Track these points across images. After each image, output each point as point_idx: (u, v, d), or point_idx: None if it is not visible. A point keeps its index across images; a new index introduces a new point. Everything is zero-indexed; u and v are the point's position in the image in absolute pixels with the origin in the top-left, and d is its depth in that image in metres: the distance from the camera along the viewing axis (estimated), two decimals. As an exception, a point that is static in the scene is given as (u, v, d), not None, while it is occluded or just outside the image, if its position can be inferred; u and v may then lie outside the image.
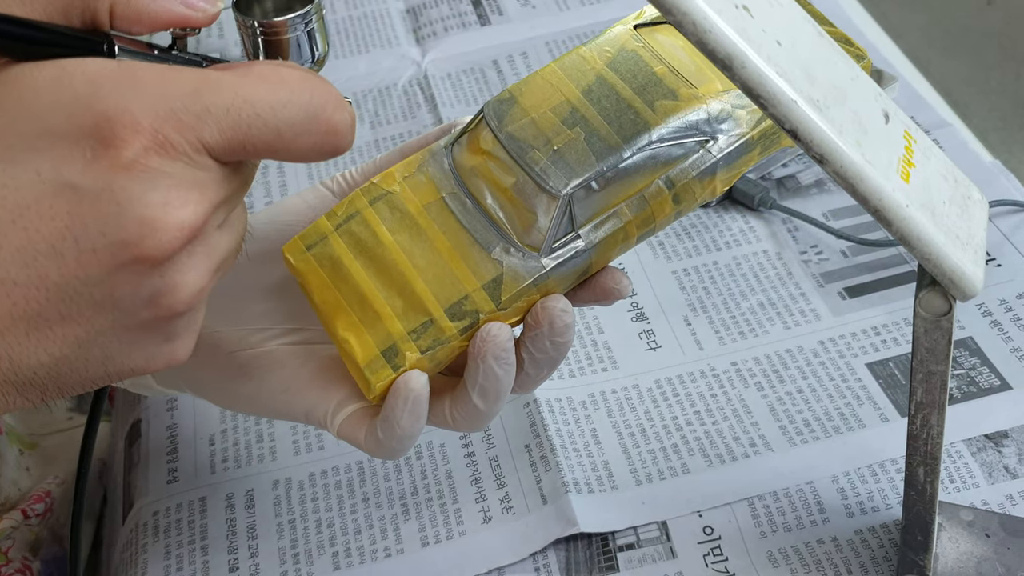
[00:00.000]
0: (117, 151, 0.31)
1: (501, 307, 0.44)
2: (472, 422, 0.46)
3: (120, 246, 0.32)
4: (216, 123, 0.33)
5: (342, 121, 0.36)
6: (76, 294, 0.33)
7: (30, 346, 0.34)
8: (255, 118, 0.34)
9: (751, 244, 0.71)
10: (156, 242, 0.32)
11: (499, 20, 0.96)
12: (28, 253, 0.32)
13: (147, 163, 0.32)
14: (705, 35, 0.35)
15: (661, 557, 0.55)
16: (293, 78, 0.35)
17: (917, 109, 0.79)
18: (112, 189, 0.32)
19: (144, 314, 0.34)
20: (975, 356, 0.62)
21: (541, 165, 0.44)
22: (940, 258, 0.38)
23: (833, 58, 0.39)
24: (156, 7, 0.36)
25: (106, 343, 0.35)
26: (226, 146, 0.33)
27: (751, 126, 0.46)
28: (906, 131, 0.40)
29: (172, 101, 0.32)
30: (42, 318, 0.33)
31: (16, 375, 0.34)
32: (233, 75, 0.34)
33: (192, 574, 0.58)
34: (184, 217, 0.33)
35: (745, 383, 0.63)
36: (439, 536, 0.57)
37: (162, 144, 0.32)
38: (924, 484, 0.46)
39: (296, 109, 0.34)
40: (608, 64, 0.48)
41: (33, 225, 0.32)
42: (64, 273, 0.32)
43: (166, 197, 0.32)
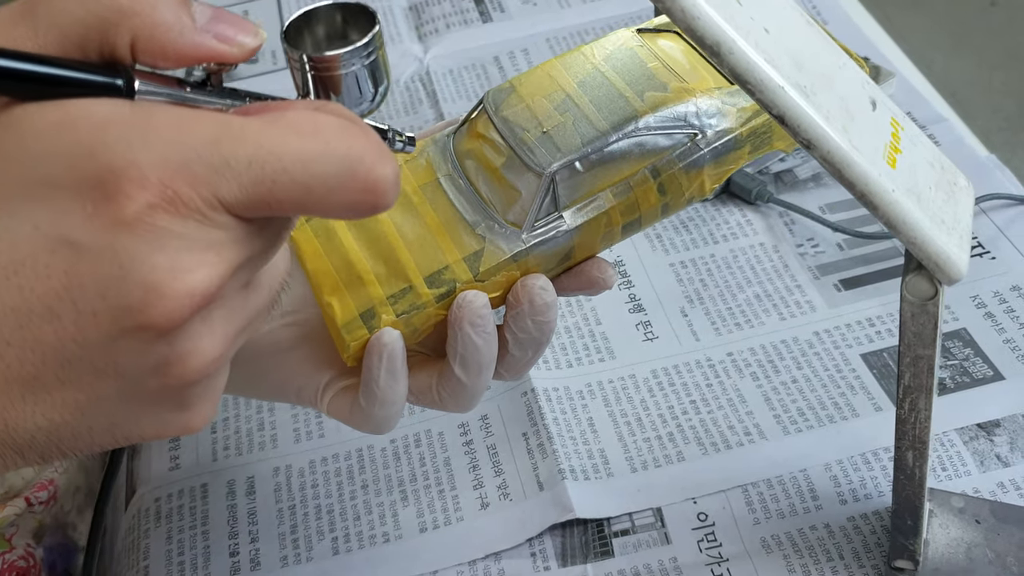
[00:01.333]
0: (120, 207, 0.28)
1: (479, 278, 0.45)
2: (458, 398, 0.47)
3: (122, 312, 0.29)
4: (236, 177, 0.29)
5: (383, 177, 0.31)
6: (75, 359, 0.30)
7: (26, 410, 0.31)
8: (281, 172, 0.30)
9: (748, 237, 0.72)
10: (162, 310, 0.29)
11: (501, 17, 0.97)
12: (23, 313, 0.29)
13: (154, 221, 0.29)
14: (694, 21, 0.35)
15: (656, 543, 0.56)
16: (330, 127, 0.31)
17: (914, 104, 0.79)
18: (114, 249, 0.29)
19: (151, 383, 0.31)
20: (969, 347, 0.63)
21: (529, 145, 0.46)
22: (925, 242, 0.39)
23: (821, 46, 0.40)
24: (183, 41, 0.32)
25: (111, 410, 0.32)
26: (247, 202, 0.30)
27: (740, 123, 0.47)
28: (893, 118, 0.41)
29: (186, 152, 0.29)
30: (38, 382, 0.30)
31: (13, 438, 0.32)
32: (259, 123, 0.30)
33: (193, 559, 0.58)
34: (194, 283, 0.29)
35: (740, 373, 0.64)
36: (437, 522, 0.58)
37: (171, 200, 0.29)
38: (913, 468, 0.47)
39: (330, 163, 0.31)
40: (605, 59, 0.49)
41: (28, 283, 0.29)
42: (61, 336, 0.30)
43: (174, 260, 0.29)
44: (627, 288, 0.70)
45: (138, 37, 0.31)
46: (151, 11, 0.31)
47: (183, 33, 0.32)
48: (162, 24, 0.31)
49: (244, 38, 0.33)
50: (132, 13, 0.31)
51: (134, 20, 0.31)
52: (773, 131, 0.48)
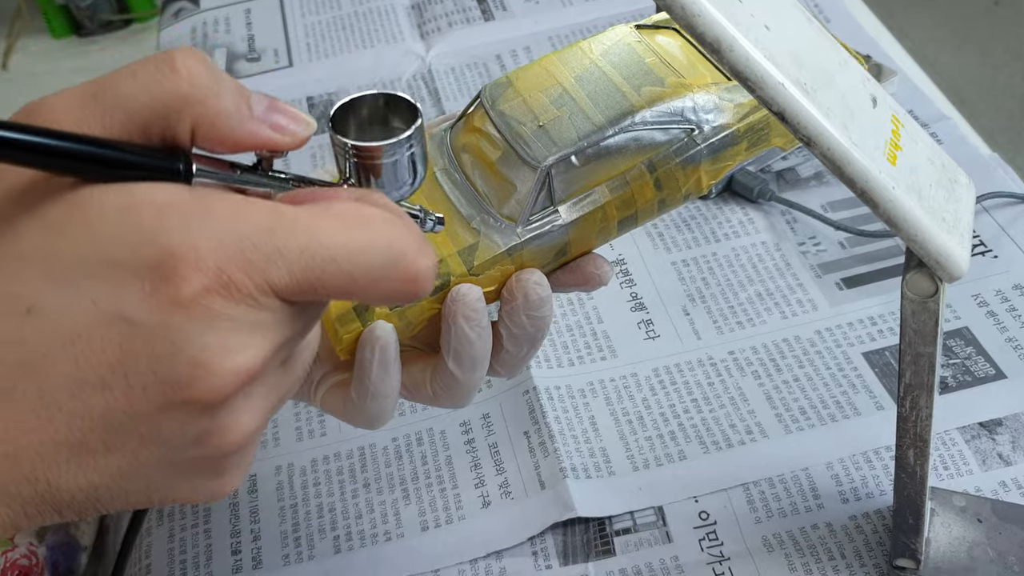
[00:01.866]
0: (177, 289, 0.30)
1: (473, 271, 0.45)
2: (452, 394, 0.46)
3: (171, 386, 0.31)
4: (287, 265, 0.31)
5: (423, 269, 0.34)
6: (121, 427, 0.32)
7: (70, 472, 0.32)
8: (330, 262, 0.32)
9: (750, 235, 0.72)
10: (209, 386, 0.31)
11: (503, 15, 0.97)
12: (75, 382, 0.31)
13: (208, 304, 0.30)
14: (694, 19, 0.35)
15: (657, 541, 0.56)
16: (375, 220, 0.33)
17: (916, 103, 0.79)
18: (168, 327, 0.30)
19: (192, 452, 0.33)
20: (971, 346, 0.63)
21: (525, 138, 0.46)
22: (926, 240, 0.39)
23: (821, 43, 0.40)
24: (240, 130, 0.34)
25: (149, 475, 0.33)
26: (296, 289, 0.32)
27: (737, 118, 0.47)
28: (893, 115, 0.41)
29: (242, 240, 0.31)
30: (84, 447, 0.32)
31: (54, 497, 0.33)
32: (310, 213, 0.32)
33: (195, 557, 0.58)
34: (242, 362, 0.31)
35: (742, 372, 0.64)
36: (439, 520, 0.58)
37: (226, 285, 0.30)
38: (914, 467, 0.47)
39: (375, 255, 0.32)
40: (602, 54, 0.49)
41: (83, 355, 0.31)
42: (111, 406, 0.31)
43: (224, 341, 0.31)
44: (629, 287, 0.70)
45: (199, 124, 0.33)
46: (214, 100, 0.33)
47: (242, 122, 0.33)
48: (223, 113, 0.33)
49: (296, 128, 0.35)
50: (195, 101, 0.32)
51: (196, 108, 0.33)
52: (771, 127, 0.48)
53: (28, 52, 2.54)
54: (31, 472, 0.32)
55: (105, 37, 2.55)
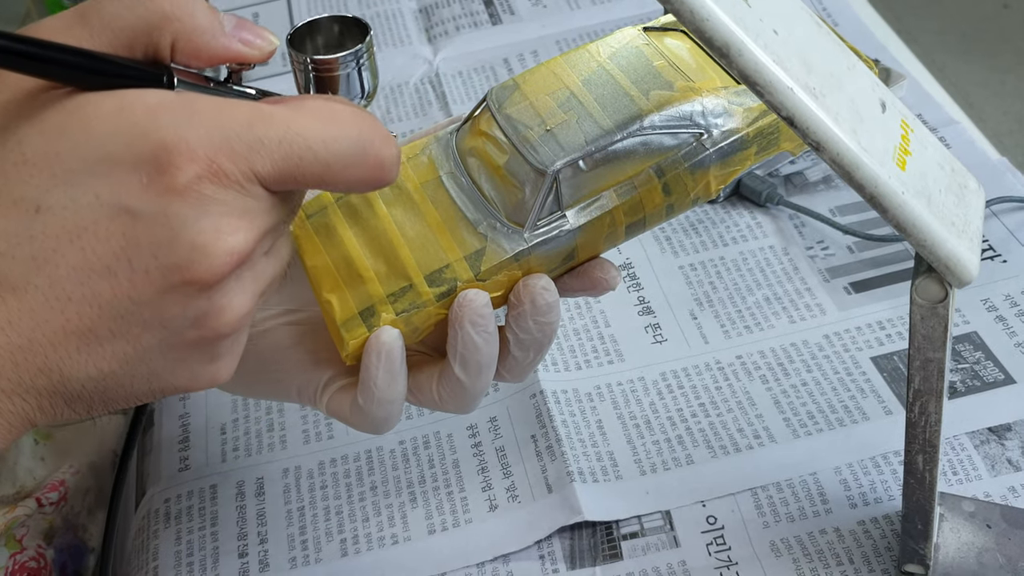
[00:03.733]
0: (172, 177, 0.33)
1: (480, 277, 0.45)
2: (458, 399, 0.47)
3: (172, 269, 0.34)
4: (268, 154, 0.34)
5: (389, 156, 0.37)
6: (127, 313, 0.34)
7: (80, 360, 0.35)
8: (306, 151, 0.35)
9: (758, 239, 0.72)
10: (206, 267, 0.34)
11: (510, 19, 0.97)
12: (83, 272, 0.33)
13: (201, 190, 0.33)
14: (703, 23, 0.35)
15: (664, 546, 0.56)
16: (344, 113, 0.36)
17: (925, 107, 0.79)
18: (166, 214, 0.33)
19: (190, 334, 0.36)
20: (979, 350, 0.63)
21: (532, 143, 0.45)
22: (936, 245, 0.39)
23: (830, 48, 0.40)
24: (215, 44, 0.37)
25: (152, 361, 0.36)
26: (277, 176, 0.35)
27: (747, 123, 0.46)
28: (903, 120, 0.41)
29: (227, 132, 0.34)
30: (93, 334, 0.34)
31: (65, 387, 0.35)
32: (286, 109, 0.35)
33: (203, 559, 0.58)
34: (234, 244, 0.34)
35: (750, 376, 0.64)
36: (446, 524, 0.58)
37: (216, 173, 0.33)
38: (923, 472, 0.47)
39: (346, 143, 0.36)
40: (610, 57, 0.49)
41: (90, 245, 0.33)
42: (117, 292, 0.34)
43: (217, 224, 0.34)
44: (636, 290, 0.70)
45: (178, 39, 0.37)
46: (190, 17, 0.37)
47: (215, 37, 0.37)
48: (199, 29, 0.37)
49: (262, 42, 0.39)
50: (174, 18, 0.36)
51: (175, 25, 0.36)
52: (780, 132, 0.47)
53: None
54: (44, 363, 0.34)
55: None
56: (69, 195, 0.33)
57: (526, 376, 0.49)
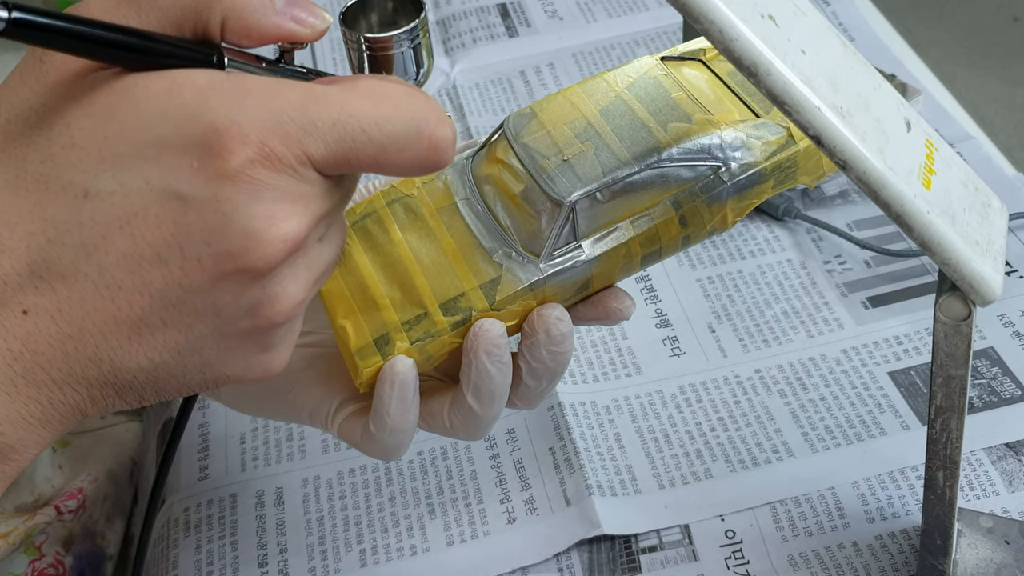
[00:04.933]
0: (224, 161, 0.32)
1: (495, 307, 0.45)
2: (469, 427, 0.46)
3: (224, 256, 0.33)
4: (322, 137, 0.33)
5: (444, 137, 0.36)
6: (179, 301, 0.33)
7: (131, 350, 0.34)
8: (360, 132, 0.34)
9: (775, 253, 0.72)
10: (260, 254, 0.33)
11: (527, 32, 0.97)
12: (134, 259, 0.33)
13: (253, 174, 0.32)
14: (732, 43, 0.36)
15: (683, 560, 0.56)
16: (398, 93, 0.35)
17: (941, 122, 0.79)
18: (218, 199, 0.32)
19: (244, 324, 0.35)
20: (996, 366, 0.63)
21: (549, 173, 0.45)
22: (960, 264, 0.39)
23: (857, 67, 0.40)
24: (266, 22, 0.36)
25: (205, 350, 0.35)
26: (331, 160, 0.34)
27: (765, 157, 0.46)
28: (927, 139, 0.41)
29: (279, 114, 0.33)
30: (144, 324, 0.34)
31: (116, 378, 0.35)
32: (339, 89, 0.34)
33: (222, 569, 0.59)
34: (288, 230, 0.33)
35: (768, 390, 0.64)
36: (464, 536, 0.58)
37: (268, 156, 0.32)
38: (943, 488, 0.47)
39: (400, 124, 0.35)
40: (628, 87, 0.48)
41: (140, 232, 0.32)
42: (168, 280, 0.33)
43: (271, 210, 0.33)
44: (654, 303, 0.70)
45: (228, 18, 0.35)
46: None
47: (267, 15, 0.36)
48: (249, 6, 0.35)
49: (315, 20, 0.37)
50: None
51: (225, 3, 0.35)
52: (798, 165, 0.47)
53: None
54: (95, 353, 0.34)
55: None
56: (118, 180, 0.32)
57: (538, 403, 0.48)
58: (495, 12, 1.00)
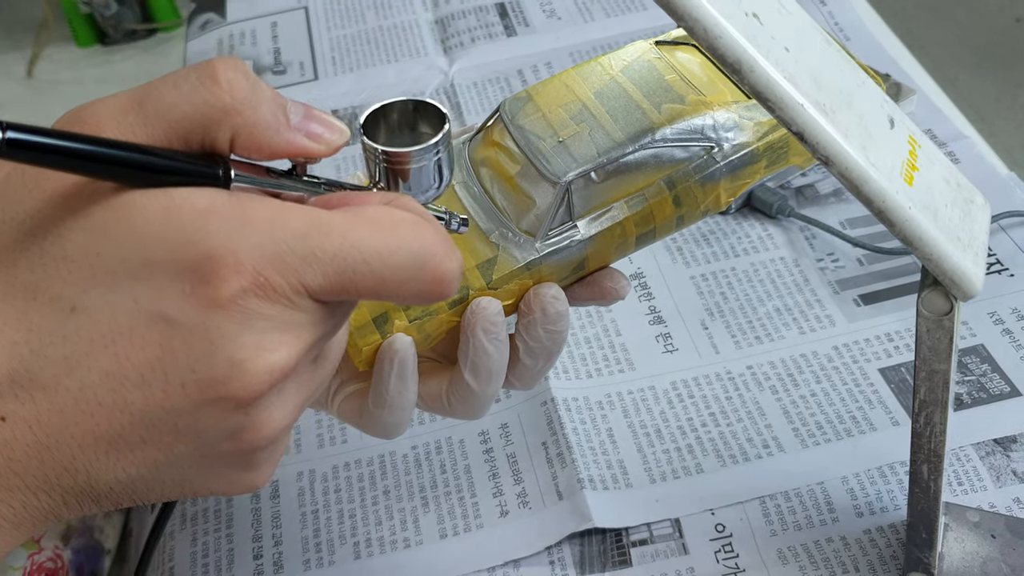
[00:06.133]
0: (216, 290, 0.31)
1: (492, 285, 0.46)
2: (467, 405, 0.47)
3: (208, 384, 0.32)
4: (321, 268, 0.33)
5: (449, 271, 0.35)
6: (159, 422, 0.33)
7: (108, 464, 0.34)
8: (361, 264, 0.33)
9: (769, 251, 0.73)
10: (245, 384, 0.32)
11: (525, 31, 0.98)
12: (116, 378, 0.32)
13: (245, 304, 0.32)
14: (716, 40, 0.36)
15: (673, 553, 0.57)
16: (405, 224, 0.34)
17: (935, 122, 0.80)
18: (206, 327, 0.31)
19: (226, 446, 0.34)
20: (986, 363, 0.64)
21: (545, 154, 0.46)
22: (941, 258, 0.39)
23: (840, 65, 0.41)
24: (278, 139, 0.35)
25: (184, 468, 0.35)
26: (329, 289, 0.33)
27: (757, 137, 0.47)
28: (911, 136, 0.42)
29: (279, 244, 0.32)
30: (123, 440, 0.33)
31: (92, 487, 0.34)
32: (344, 218, 0.33)
33: (218, 561, 0.59)
34: (276, 361, 0.33)
35: (760, 386, 0.64)
36: (457, 529, 0.59)
37: (262, 286, 0.32)
38: (928, 481, 0.48)
39: (404, 256, 0.34)
40: (622, 70, 0.49)
41: (124, 352, 0.32)
42: (149, 402, 0.32)
43: (260, 340, 0.32)
44: (647, 300, 0.71)
45: (238, 134, 0.34)
46: (252, 111, 0.34)
47: (279, 132, 0.35)
48: (261, 123, 0.34)
49: (331, 136, 0.36)
50: (235, 112, 0.34)
51: (236, 119, 0.34)
52: (790, 146, 0.48)
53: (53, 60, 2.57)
54: (71, 464, 0.33)
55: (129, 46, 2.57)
56: (106, 298, 0.32)
57: (535, 383, 0.49)
58: (494, 11, 1.00)
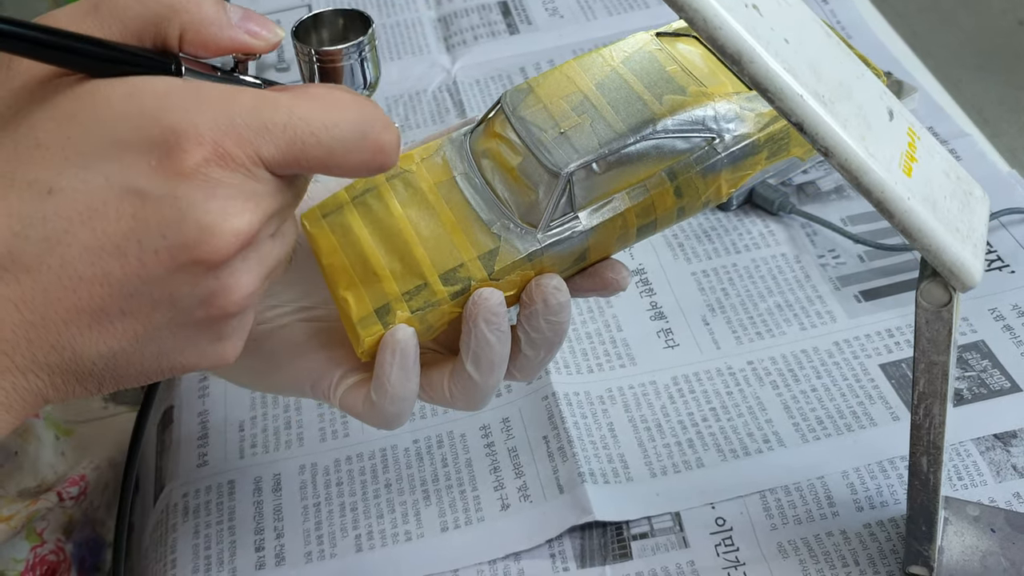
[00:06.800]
0: (180, 161, 0.34)
1: (493, 276, 0.46)
2: (469, 396, 0.47)
3: (180, 249, 0.35)
4: (273, 139, 0.36)
5: (389, 141, 0.38)
6: (137, 292, 0.35)
7: (92, 338, 0.36)
8: (309, 135, 0.36)
9: (770, 247, 0.73)
10: (213, 247, 0.35)
11: (527, 29, 0.98)
12: (95, 251, 0.35)
13: (208, 173, 0.34)
14: (715, 32, 0.36)
15: (673, 546, 0.57)
16: (345, 100, 0.37)
17: (937, 119, 0.80)
18: (175, 195, 0.34)
19: (199, 313, 0.37)
20: (986, 359, 0.64)
21: (546, 145, 0.46)
22: (940, 250, 0.40)
23: (840, 57, 0.41)
24: (222, 35, 0.38)
25: (162, 339, 0.37)
26: (281, 160, 0.36)
27: (758, 128, 0.47)
28: (910, 128, 0.42)
29: (233, 117, 0.35)
30: (104, 313, 0.36)
31: (77, 365, 0.37)
32: (290, 95, 0.37)
33: (220, 553, 0.60)
34: (240, 224, 0.35)
35: (761, 381, 0.64)
36: (458, 522, 0.59)
37: (222, 156, 0.35)
38: (927, 474, 0.48)
39: (347, 128, 0.37)
40: (624, 61, 0.49)
41: (100, 226, 0.34)
42: (127, 272, 0.35)
43: (224, 206, 0.35)
44: (649, 296, 0.71)
45: (186, 30, 0.38)
46: (197, 9, 0.38)
47: (222, 28, 0.39)
48: (206, 20, 0.38)
49: (268, 34, 0.40)
50: (183, 10, 0.38)
51: (183, 16, 0.38)
52: (791, 137, 0.48)
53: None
54: (57, 341, 0.36)
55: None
56: (80, 177, 0.34)
57: (536, 375, 0.50)
58: (496, 9, 1.01)
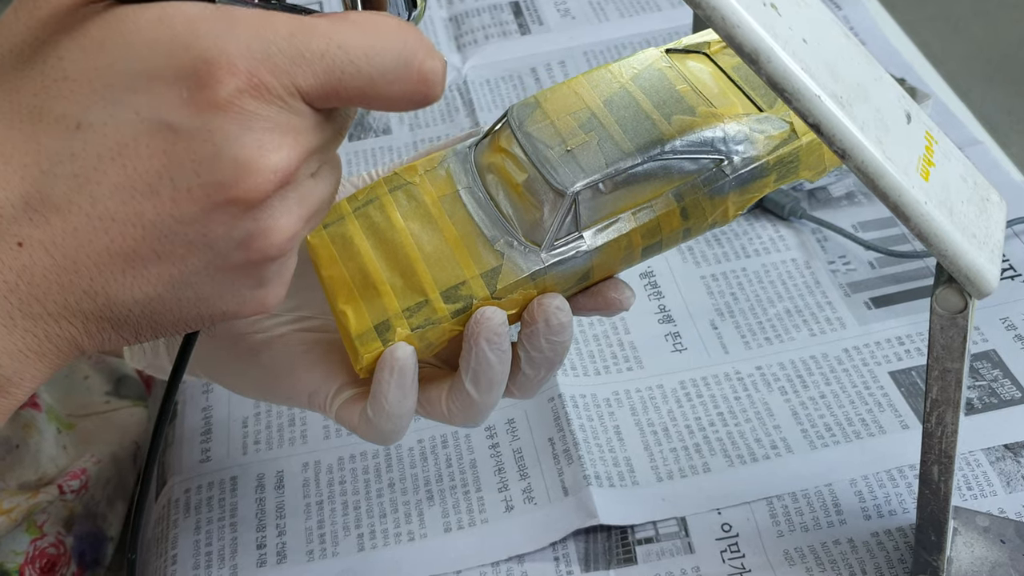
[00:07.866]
0: (213, 91, 0.32)
1: (496, 295, 0.45)
2: (467, 413, 0.46)
3: (215, 187, 0.33)
4: (310, 68, 0.33)
5: (433, 69, 0.36)
6: (171, 233, 0.34)
7: (125, 283, 0.34)
8: (348, 64, 0.34)
9: (780, 252, 0.72)
10: (250, 184, 0.33)
11: (539, 30, 0.97)
12: (126, 190, 0.33)
13: (242, 104, 0.32)
14: (733, 30, 0.36)
15: (679, 552, 0.56)
16: (387, 26, 0.35)
17: (950, 127, 0.79)
18: (208, 129, 0.32)
19: (237, 256, 0.35)
20: (997, 368, 0.63)
21: (552, 163, 0.45)
22: (956, 255, 0.39)
23: (858, 58, 0.41)
24: None
25: (199, 284, 0.35)
26: (320, 91, 0.34)
27: (767, 151, 0.46)
28: (927, 132, 0.41)
29: (268, 44, 0.33)
30: (137, 255, 0.34)
31: (111, 311, 0.35)
32: (328, 21, 0.34)
33: (221, 550, 0.59)
34: (278, 161, 0.33)
35: (769, 387, 0.64)
36: (462, 523, 0.59)
37: (257, 87, 0.32)
38: (938, 483, 0.47)
39: (389, 56, 0.34)
40: (633, 78, 0.48)
41: (131, 163, 0.33)
42: (160, 211, 0.33)
43: (260, 140, 0.33)
44: (657, 299, 0.70)
45: None
46: None
47: None
48: None
49: None
50: None
51: None
52: (800, 160, 0.47)
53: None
54: (90, 286, 0.34)
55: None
56: (109, 111, 0.32)
57: (535, 393, 0.49)
58: (508, 9, 1.00)
